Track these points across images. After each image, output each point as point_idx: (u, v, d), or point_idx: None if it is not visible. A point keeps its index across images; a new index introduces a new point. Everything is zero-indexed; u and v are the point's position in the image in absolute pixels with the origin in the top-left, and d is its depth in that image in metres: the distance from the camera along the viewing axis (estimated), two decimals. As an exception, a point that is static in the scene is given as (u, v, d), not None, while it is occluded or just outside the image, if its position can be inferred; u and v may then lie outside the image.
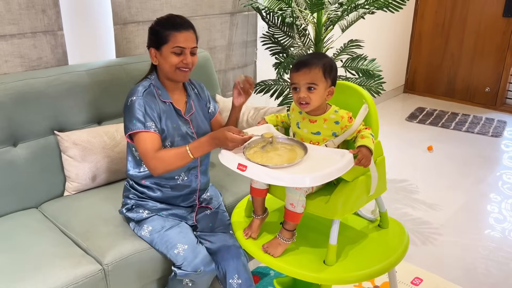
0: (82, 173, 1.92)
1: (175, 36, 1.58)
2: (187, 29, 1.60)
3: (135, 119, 1.57)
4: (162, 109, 1.64)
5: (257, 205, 1.59)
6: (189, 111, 1.73)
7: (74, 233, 1.70)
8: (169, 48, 1.59)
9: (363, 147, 1.41)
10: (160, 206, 1.71)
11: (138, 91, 1.61)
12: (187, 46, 1.59)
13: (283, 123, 1.69)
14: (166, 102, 1.67)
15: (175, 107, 1.68)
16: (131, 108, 1.58)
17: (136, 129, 1.57)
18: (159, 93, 1.65)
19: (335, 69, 1.50)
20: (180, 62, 1.60)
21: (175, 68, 1.61)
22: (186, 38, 1.59)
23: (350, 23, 2.81)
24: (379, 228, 1.70)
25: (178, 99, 1.72)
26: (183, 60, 1.59)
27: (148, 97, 1.61)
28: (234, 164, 1.40)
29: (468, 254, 2.34)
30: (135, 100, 1.58)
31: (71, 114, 1.97)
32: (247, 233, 1.59)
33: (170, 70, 1.62)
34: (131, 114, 1.57)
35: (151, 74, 1.70)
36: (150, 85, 1.65)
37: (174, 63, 1.59)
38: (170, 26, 1.59)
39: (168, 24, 1.61)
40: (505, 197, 2.90)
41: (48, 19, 1.99)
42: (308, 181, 1.31)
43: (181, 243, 1.60)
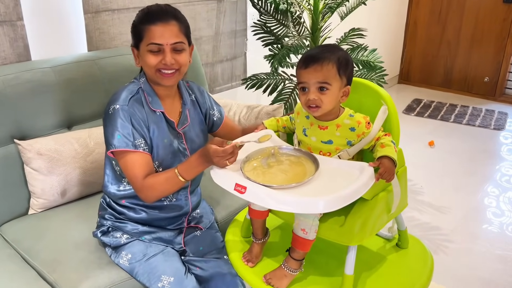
0: (49, 187, 1.65)
1: (150, 30, 1.30)
2: (165, 20, 1.30)
3: (119, 134, 1.29)
4: (152, 120, 1.36)
5: (256, 228, 1.34)
6: (183, 123, 1.45)
7: (39, 262, 1.43)
8: (144, 45, 1.31)
9: (385, 158, 1.16)
10: (142, 229, 1.45)
11: (122, 97, 1.33)
12: (164, 42, 1.30)
13: (285, 128, 1.44)
14: (157, 112, 1.39)
15: (167, 118, 1.41)
16: (113, 120, 1.30)
17: (122, 147, 1.30)
18: (149, 100, 1.37)
19: (351, 65, 1.25)
20: (159, 63, 1.31)
21: (155, 70, 1.33)
22: (162, 32, 1.29)
23: (350, 10, 2.56)
24: (398, 248, 1.47)
25: (171, 108, 1.43)
26: (162, 60, 1.31)
27: (135, 106, 1.34)
28: (231, 185, 1.14)
29: (484, 264, 2.14)
30: (118, 109, 1.31)
31: (35, 118, 1.69)
32: (247, 259, 1.35)
33: (151, 73, 1.34)
34: (114, 127, 1.30)
35: (141, 75, 1.41)
36: (139, 90, 1.37)
37: (151, 64, 1.31)
38: (146, 19, 1.31)
39: (144, 16, 1.32)
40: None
41: (5, 7, 1.69)
42: (322, 206, 1.07)
43: (166, 274, 1.34)
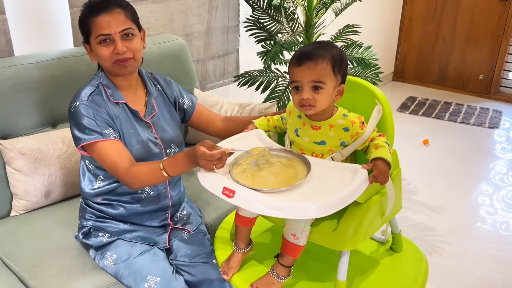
0: (32, 188, 1.59)
1: (96, 22, 1.28)
2: (109, 10, 1.28)
3: (86, 129, 1.27)
4: (114, 113, 1.33)
5: (240, 236, 1.29)
6: (151, 113, 1.42)
7: (20, 267, 1.37)
8: (94, 39, 1.30)
9: (379, 160, 1.12)
10: (122, 227, 1.40)
11: (82, 94, 1.32)
12: (112, 31, 1.27)
13: (275, 128, 1.39)
14: (119, 103, 1.36)
15: (131, 108, 1.37)
16: (76, 116, 1.28)
17: (91, 139, 1.27)
18: (110, 93, 1.35)
19: (346, 62, 1.20)
20: (112, 54, 1.28)
21: (111, 63, 1.30)
22: (108, 22, 1.27)
23: (345, 6, 2.51)
24: (391, 251, 1.42)
25: (135, 99, 1.41)
26: (114, 50, 1.28)
27: (96, 100, 1.31)
28: (219, 189, 1.09)
29: (480, 265, 2.10)
30: (78, 105, 1.29)
31: (17, 116, 1.62)
32: (223, 270, 1.29)
33: (107, 66, 1.32)
34: (79, 123, 1.28)
35: (99, 70, 1.39)
36: (98, 85, 1.35)
37: (105, 55, 1.29)
38: (89, 11, 1.29)
39: (87, 9, 1.31)
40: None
41: (-15, 0, 1.62)
42: (314, 211, 1.02)
43: (152, 274, 1.30)
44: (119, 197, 1.41)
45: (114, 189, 1.40)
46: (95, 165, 1.39)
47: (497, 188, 2.77)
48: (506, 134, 3.60)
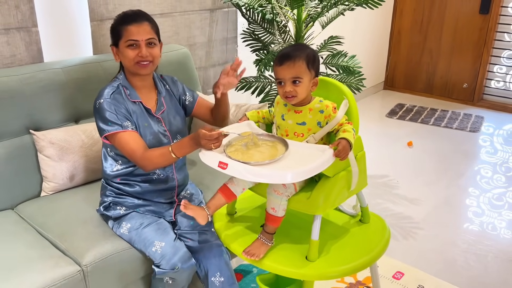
0: (60, 173, 1.88)
1: (127, 30, 1.58)
2: (139, 21, 1.59)
3: (109, 122, 1.56)
4: (132, 109, 1.63)
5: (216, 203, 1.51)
6: (160, 109, 1.71)
7: (52, 234, 1.66)
8: (123, 42, 1.59)
9: (343, 140, 1.41)
10: (137, 202, 1.69)
11: (105, 93, 1.61)
12: (140, 38, 1.58)
13: (264, 119, 1.68)
14: (136, 102, 1.65)
15: (145, 106, 1.67)
16: (100, 111, 1.57)
17: (113, 130, 1.56)
18: (128, 93, 1.64)
19: (318, 60, 1.49)
20: (137, 56, 1.58)
21: (134, 63, 1.59)
22: (138, 31, 1.58)
23: (330, 20, 2.81)
24: (361, 223, 1.70)
25: (148, 98, 1.70)
26: (138, 53, 1.58)
27: (116, 98, 1.61)
28: (215, 162, 1.38)
29: (448, 247, 2.37)
30: (102, 102, 1.58)
31: (47, 112, 1.93)
32: None
33: (130, 65, 1.61)
34: (103, 116, 1.57)
35: (120, 73, 1.68)
36: (119, 86, 1.64)
37: (130, 57, 1.59)
38: (123, 21, 1.60)
39: (121, 19, 1.61)
40: (483, 191, 2.95)
41: (22, 15, 1.93)
42: (289, 177, 1.31)
43: (158, 240, 1.58)
44: (135, 177, 1.70)
45: (131, 172, 1.69)
46: (115, 152, 1.67)
47: (471, 184, 3.04)
48: (485, 137, 3.88)
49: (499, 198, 2.86)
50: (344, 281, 2.09)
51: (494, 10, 4.33)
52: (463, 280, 2.12)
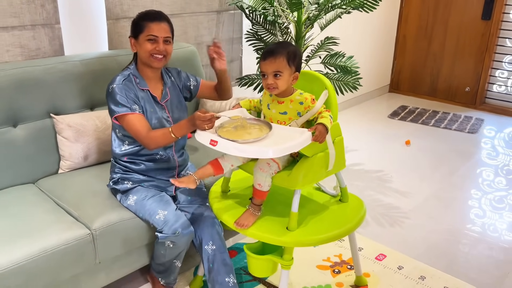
0: (75, 152, 2.12)
1: (149, 26, 1.80)
2: (160, 20, 1.82)
3: (119, 104, 1.77)
4: (140, 95, 1.84)
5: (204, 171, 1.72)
6: (165, 98, 1.93)
7: (67, 204, 1.89)
8: (144, 36, 1.81)
9: (320, 125, 1.60)
10: (142, 178, 1.91)
11: (117, 79, 1.83)
12: (160, 35, 1.80)
13: (255, 108, 1.89)
14: (144, 90, 1.87)
15: (152, 94, 1.88)
16: (112, 94, 1.79)
17: (123, 112, 1.78)
18: (137, 82, 1.86)
19: (299, 57, 1.69)
20: (154, 49, 1.80)
21: (150, 55, 1.81)
22: (159, 28, 1.80)
23: (328, 22, 3.01)
24: (340, 202, 1.89)
25: (155, 87, 1.92)
26: (156, 47, 1.80)
27: (127, 84, 1.82)
28: (207, 140, 1.60)
29: (431, 235, 2.53)
30: (115, 87, 1.80)
31: (66, 99, 2.17)
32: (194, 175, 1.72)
33: (145, 56, 1.82)
34: (115, 99, 1.78)
35: (131, 64, 1.90)
36: (129, 75, 1.86)
37: (148, 49, 1.80)
38: (146, 18, 1.82)
39: (145, 16, 1.84)
40: (472, 187, 3.10)
41: (47, 13, 2.19)
42: (271, 153, 1.51)
43: (161, 209, 1.80)
44: (140, 157, 1.92)
45: (137, 151, 1.91)
46: (122, 133, 1.90)
47: (462, 180, 3.19)
48: (482, 138, 4.01)
49: (486, 192, 3.01)
50: (330, 260, 2.28)
51: (495, 17, 4.47)
52: (442, 263, 2.28)
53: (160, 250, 1.83)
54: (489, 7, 4.47)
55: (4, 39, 2.09)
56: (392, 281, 2.13)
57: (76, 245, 1.69)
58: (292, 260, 1.70)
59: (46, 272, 1.62)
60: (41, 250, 1.61)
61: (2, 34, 2.07)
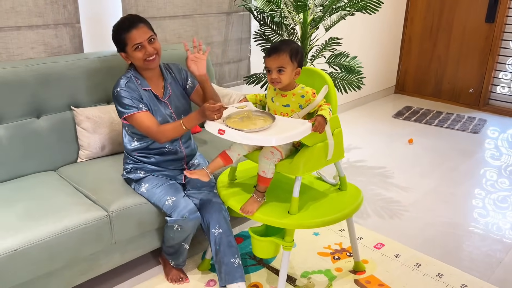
0: (93, 143, 2.28)
1: (129, 37, 1.88)
2: (137, 25, 1.89)
3: (126, 105, 1.91)
4: (144, 95, 1.97)
5: (215, 165, 1.88)
6: (167, 94, 2.05)
7: (85, 189, 2.05)
8: (130, 47, 1.90)
9: (319, 116, 1.74)
10: (153, 168, 2.06)
11: (121, 83, 1.94)
12: (143, 40, 1.89)
13: (261, 101, 2.03)
14: (146, 89, 2.00)
15: (154, 93, 2.01)
16: (118, 97, 1.92)
17: (131, 112, 1.91)
18: (139, 83, 1.98)
19: (301, 54, 1.83)
20: (144, 55, 1.91)
21: (143, 61, 1.92)
22: (139, 34, 1.88)
23: (333, 23, 3.14)
24: (339, 190, 2.02)
25: (156, 85, 2.04)
26: (145, 52, 1.90)
27: (130, 86, 1.94)
28: (215, 129, 1.74)
29: (429, 227, 2.65)
30: (119, 90, 1.92)
31: (85, 93, 2.33)
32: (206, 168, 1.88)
33: (140, 64, 1.93)
34: (121, 101, 1.91)
35: (131, 67, 2.02)
36: (131, 76, 1.98)
37: (139, 57, 1.91)
38: (122, 30, 1.90)
39: (120, 28, 1.92)
40: (470, 183, 3.20)
41: (68, 13, 2.35)
42: (274, 141, 1.65)
43: (171, 196, 1.94)
44: (150, 151, 2.05)
45: (146, 147, 2.05)
46: (131, 130, 2.03)
47: (462, 177, 3.30)
48: (484, 138, 4.11)
49: (483, 188, 3.12)
50: (331, 247, 2.41)
51: (499, 19, 4.56)
52: (437, 252, 2.40)
53: (169, 233, 1.97)
54: (492, 10, 4.57)
55: (30, 37, 2.25)
56: (388, 267, 2.26)
57: (94, 225, 1.84)
58: (293, 242, 1.83)
59: (67, 249, 1.77)
60: (63, 228, 1.76)
61: (27, 32, 2.24)
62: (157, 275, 2.16)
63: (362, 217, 2.72)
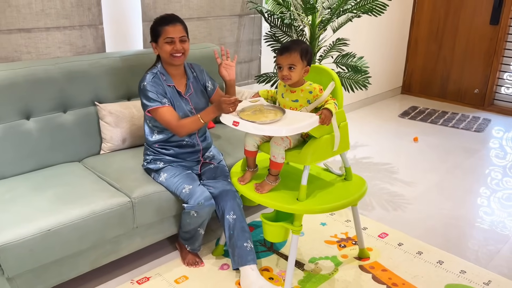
0: (115, 136, 2.44)
1: (165, 30, 2.07)
2: (174, 23, 2.09)
3: (151, 99, 2.07)
4: (168, 90, 2.13)
5: (249, 162, 2.09)
6: (188, 92, 2.22)
7: (109, 177, 2.21)
8: (162, 39, 2.08)
9: (325, 109, 1.89)
10: (172, 159, 2.22)
11: (147, 77, 2.11)
12: (175, 36, 2.07)
13: (272, 97, 2.18)
14: (170, 85, 2.16)
15: (177, 89, 2.17)
16: (144, 91, 2.08)
17: (155, 105, 2.07)
18: (164, 79, 2.15)
19: (310, 53, 1.97)
20: (172, 49, 2.08)
21: (170, 55, 2.09)
22: (174, 30, 2.07)
23: (340, 25, 3.29)
24: (345, 180, 2.17)
25: (179, 82, 2.21)
26: (174, 47, 2.08)
27: (156, 81, 2.11)
28: (230, 121, 1.89)
29: (431, 218, 2.78)
30: (146, 84, 2.09)
31: (108, 90, 2.50)
32: (240, 180, 2.09)
33: (166, 57, 2.10)
34: (146, 95, 2.07)
35: (157, 63, 2.18)
36: (157, 72, 2.14)
37: (167, 50, 2.08)
38: (162, 23, 2.09)
39: (160, 21, 2.11)
40: (473, 178, 3.32)
41: (92, 15, 2.52)
42: (284, 131, 1.80)
43: (188, 184, 2.10)
44: (169, 144, 2.21)
45: (166, 139, 2.21)
46: (153, 124, 2.19)
47: (464, 172, 3.42)
48: (487, 136, 4.22)
49: (484, 183, 3.23)
50: (337, 236, 2.54)
51: (503, 22, 4.68)
52: (438, 241, 2.52)
53: (186, 219, 2.13)
54: (497, 12, 4.68)
55: (57, 37, 2.43)
56: (392, 254, 2.39)
57: (118, 210, 2.00)
58: (301, 226, 1.98)
59: (94, 231, 1.93)
60: (90, 212, 1.92)
61: (55, 33, 2.41)
62: (174, 259, 2.32)
63: (367, 209, 2.86)
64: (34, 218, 1.82)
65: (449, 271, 2.26)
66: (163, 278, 2.17)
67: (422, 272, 2.26)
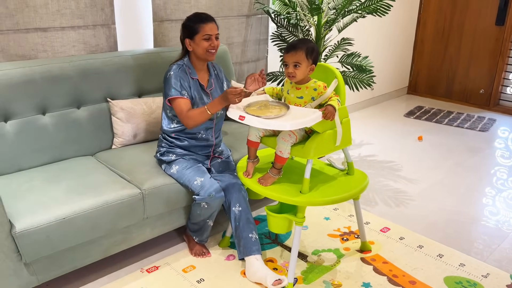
0: (127, 131, 2.54)
1: (203, 27, 2.17)
2: (211, 21, 2.20)
3: (173, 88, 2.17)
4: (191, 83, 2.23)
5: (251, 153, 2.18)
6: (210, 86, 2.32)
7: (120, 170, 2.30)
8: (200, 36, 2.18)
9: (329, 105, 1.97)
10: (184, 152, 2.31)
11: (173, 68, 2.22)
12: (213, 33, 2.19)
13: (277, 94, 2.26)
14: (194, 79, 2.26)
15: (200, 83, 2.27)
16: (169, 80, 2.19)
17: (174, 95, 2.17)
18: (189, 72, 2.25)
19: (316, 52, 2.05)
20: (209, 46, 2.18)
21: (206, 51, 2.19)
22: (211, 28, 2.18)
23: (345, 25, 3.36)
24: (347, 175, 2.24)
25: (203, 77, 2.31)
26: (211, 43, 2.18)
27: (181, 73, 2.21)
28: (237, 116, 1.98)
29: (432, 214, 2.84)
30: (172, 74, 2.19)
31: (119, 87, 2.60)
32: (246, 174, 2.17)
33: (203, 53, 2.20)
34: (170, 84, 2.18)
35: (184, 57, 2.28)
36: (183, 65, 2.25)
37: (205, 47, 2.18)
38: (199, 21, 2.19)
39: (196, 19, 2.20)
40: (475, 176, 3.38)
41: (105, 15, 2.62)
42: (288, 126, 1.89)
43: (199, 177, 2.18)
44: (185, 134, 2.31)
45: (183, 129, 2.30)
46: (172, 113, 2.29)
47: (466, 170, 3.47)
48: (491, 136, 4.27)
49: (487, 181, 3.29)
50: (340, 230, 2.62)
51: (509, 22, 4.71)
52: (438, 236, 2.59)
53: (196, 210, 2.21)
54: (502, 13, 4.72)
55: (72, 36, 2.53)
56: (393, 248, 2.46)
57: (129, 201, 2.09)
58: (304, 218, 2.05)
59: (106, 221, 2.03)
60: (103, 202, 2.02)
61: (70, 32, 2.52)
62: (182, 250, 2.41)
63: (370, 205, 2.93)
64: (50, 207, 1.92)
65: (449, 264, 2.33)
66: (171, 267, 2.26)
67: (422, 264, 2.32)
